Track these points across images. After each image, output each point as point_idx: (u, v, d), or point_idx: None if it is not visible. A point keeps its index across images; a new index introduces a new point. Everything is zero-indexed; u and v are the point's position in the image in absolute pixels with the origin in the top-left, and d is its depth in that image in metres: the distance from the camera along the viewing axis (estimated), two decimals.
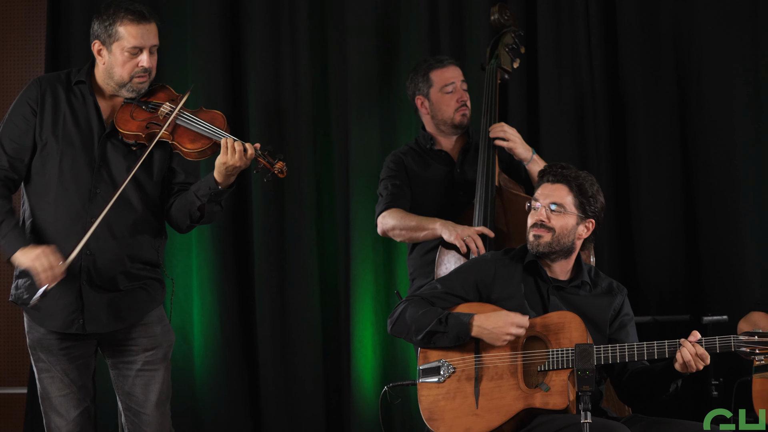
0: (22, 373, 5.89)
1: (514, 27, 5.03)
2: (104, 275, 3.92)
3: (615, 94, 5.59)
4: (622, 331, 4.01)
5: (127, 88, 3.94)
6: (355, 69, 5.76)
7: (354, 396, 5.62)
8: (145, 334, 4.03)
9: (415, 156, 4.91)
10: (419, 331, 3.95)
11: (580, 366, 3.59)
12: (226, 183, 3.89)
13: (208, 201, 3.91)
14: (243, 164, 3.84)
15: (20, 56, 6.12)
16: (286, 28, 5.83)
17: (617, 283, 4.12)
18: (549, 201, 4.00)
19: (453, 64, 4.95)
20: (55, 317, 3.92)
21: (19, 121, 3.95)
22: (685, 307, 5.41)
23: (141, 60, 3.91)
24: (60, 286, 3.82)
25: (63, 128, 3.94)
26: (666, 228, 5.49)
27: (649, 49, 5.55)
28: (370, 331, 5.64)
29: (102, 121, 3.97)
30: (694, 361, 3.72)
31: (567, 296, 4.01)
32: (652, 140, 5.52)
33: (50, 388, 3.97)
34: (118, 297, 3.95)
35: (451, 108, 4.87)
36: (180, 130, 3.91)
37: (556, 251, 3.99)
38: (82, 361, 4.00)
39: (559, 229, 3.98)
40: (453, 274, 4.13)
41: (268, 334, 5.72)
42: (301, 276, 5.74)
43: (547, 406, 3.76)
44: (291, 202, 5.78)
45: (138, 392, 4.02)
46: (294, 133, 5.80)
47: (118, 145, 3.95)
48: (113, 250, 3.92)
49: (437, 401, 3.92)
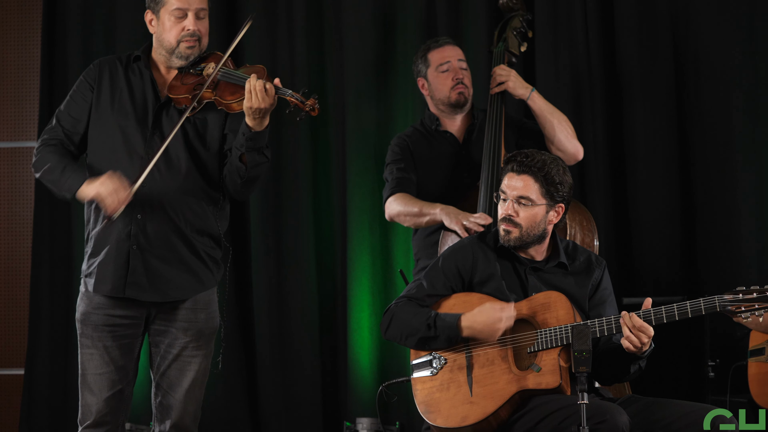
0: (19, 355, 5.92)
1: (522, 11, 5.03)
2: (154, 241, 3.94)
3: (612, 74, 5.59)
4: (601, 306, 3.99)
5: (176, 54, 4.00)
6: (352, 51, 5.76)
7: (351, 378, 5.64)
8: (188, 318, 4.03)
9: (420, 138, 4.91)
10: (411, 336, 3.94)
11: (577, 347, 3.58)
12: (259, 126, 3.88)
13: (247, 149, 3.91)
14: (267, 104, 3.84)
15: (17, 40, 6.13)
16: (282, 10, 5.83)
17: (596, 256, 4.09)
18: (516, 194, 3.95)
19: (450, 44, 4.93)
20: (105, 281, 3.94)
21: (78, 98, 4.04)
22: (682, 289, 5.40)
23: (186, 23, 3.97)
24: (112, 251, 3.91)
25: (119, 102, 4.01)
26: (662, 209, 5.49)
27: (646, 28, 5.54)
28: (366, 313, 5.65)
29: (157, 93, 4.03)
30: (635, 335, 3.70)
31: (545, 276, 4.00)
32: (649, 121, 5.52)
33: (88, 365, 3.98)
34: (166, 269, 3.96)
35: (446, 87, 4.86)
36: (221, 86, 3.95)
37: (527, 242, 3.97)
38: (127, 341, 4.00)
39: (528, 222, 3.94)
40: (435, 266, 4.09)
41: (265, 316, 5.73)
42: (298, 257, 5.75)
43: (540, 386, 3.75)
44: (288, 183, 5.78)
45: (172, 375, 4.04)
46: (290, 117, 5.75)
47: (172, 114, 4.00)
48: (163, 216, 3.94)
49: (432, 393, 3.91)
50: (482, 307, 3.86)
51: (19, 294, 5.99)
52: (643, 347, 3.72)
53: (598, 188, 5.49)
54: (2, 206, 6.07)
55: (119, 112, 3.99)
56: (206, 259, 4.05)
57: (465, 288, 4.02)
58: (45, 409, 5.74)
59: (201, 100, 3.93)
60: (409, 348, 4.02)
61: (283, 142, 5.79)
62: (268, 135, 3.94)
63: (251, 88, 3.82)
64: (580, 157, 4.80)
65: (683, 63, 5.53)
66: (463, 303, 3.96)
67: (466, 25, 5.65)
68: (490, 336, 3.84)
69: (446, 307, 3.99)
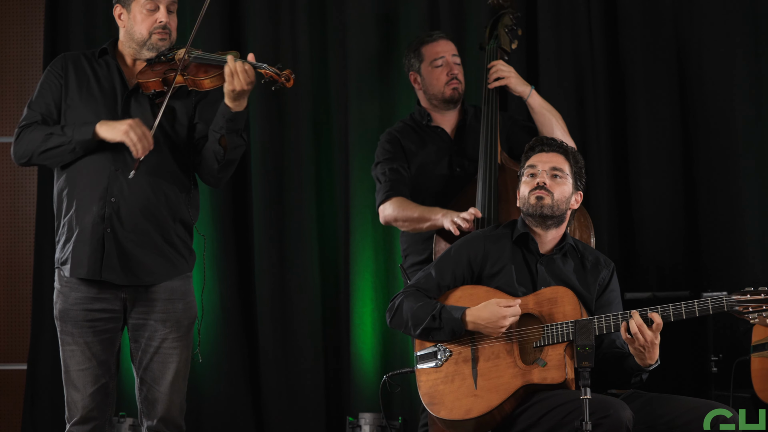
0: (22, 350, 5.92)
1: (512, 9, 5.00)
2: (127, 225, 3.98)
3: (615, 70, 5.57)
4: (608, 307, 4.00)
5: (147, 46, 4.08)
6: (354, 46, 5.75)
7: (354, 372, 5.64)
8: (165, 309, 4.06)
9: (411, 133, 4.85)
10: (416, 326, 3.95)
11: (580, 342, 3.60)
12: (238, 106, 3.97)
13: (227, 131, 3.99)
14: (246, 81, 3.91)
15: (19, 35, 6.12)
16: (284, 6, 5.82)
17: (605, 257, 4.11)
18: (549, 166, 4.00)
19: (444, 39, 4.90)
20: (81, 264, 3.97)
21: (47, 88, 4.09)
22: (685, 283, 5.40)
23: (158, 15, 4.06)
24: (87, 235, 3.96)
25: (87, 90, 4.06)
26: (666, 204, 5.49)
27: (649, 25, 5.54)
28: (369, 308, 5.65)
29: (125, 82, 4.09)
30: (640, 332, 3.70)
31: (554, 268, 4.01)
32: (652, 116, 5.51)
33: (70, 361, 4.03)
34: (140, 251, 4.00)
35: (441, 82, 4.82)
36: (192, 67, 4.01)
37: (555, 216, 3.98)
38: (108, 336, 4.03)
39: (559, 194, 3.98)
40: (446, 255, 4.11)
41: (268, 310, 5.72)
42: (301, 252, 5.74)
43: (545, 381, 3.75)
44: (290, 178, 5.77)
45: (155, 368, 4.07)
46: (293, 111, 5.79)
47: (141, 101, 4.06)
48: (136, 200, 3.98)
49: (436, 385, 3.92)
50: (488, 303, 3.86)
51: (22, 289, 5.98)
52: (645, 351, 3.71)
53: (601, 184, 5.48)
54: (5, 201, 6.06)
55: (88, 101, 4.05)
56: (179, 244, 4.10)
57: (474, 280, 4.03)
58: (48, 404, 5.73)
59: (171, 83, 3.98)
60: (412, 338, 4.02)
61: (285, 138, 5.79)
62: (246, 117, 4.03)
63: (232, 70, 3.90)
64: None
65: (686, 59, 5.53)
66: (469, 295, 3.97)
67: (469, 20, 5.64)
68: (493, 332, 3.84)
69: (453, 298, 3.99)
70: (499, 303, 3.84)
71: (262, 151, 5.77)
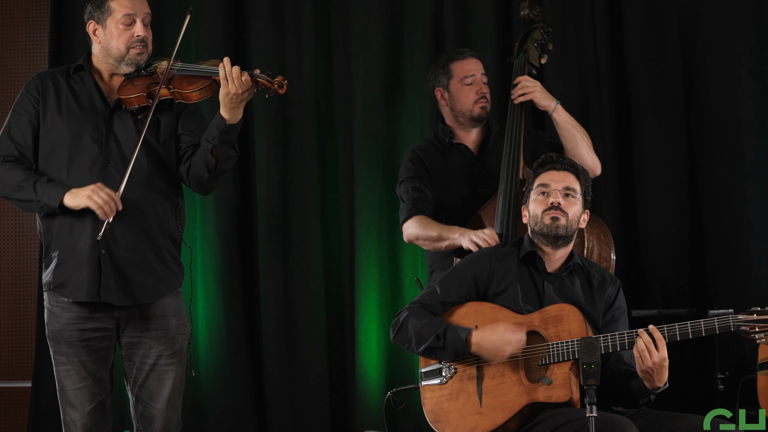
0: (26, 367, 5.91)
1: (543, 23, 5.00)
2: (122, 245, 3.97)
3: (620, 86, 5.56)
4: (613, 324, 3.99)
5: (125, 62, 4.06)
6: (360, 62, 5.74)
7: (359, 390, 5.61)
8: (158, 326, 4.06)
9: (434, 151, 4.87)
10: (419, 344, 3.94)
11: (585, 359, 3.57)
12: (233, 118, 3.96)
13: (220, 142, 3.97)
14: (243, 89, 3.90)
15: (24, 49, 6.12)
16: (289, 22, 5.81)
17: (610, 274, 4.10)
18: (563, 185, 3.99)
19: (474, 57, 4.92)
20: (80, 287, 3.96)
21: (22, 112, 4.05)
22: (691, 301, 5.36)
23: (135, 29, 4.04)
24: (83, 257, 3.94)
25: (67, 109, 4.04)
26: (671, 220, 5.46)
27: (653, 37, 5.52)
28: (374, 325, 5.62)
29: (104, 98, 4.06)
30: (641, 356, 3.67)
31: (561, 286, 4.00)
32: (657, 132, 5.48)
33: (66, 381, 4.01)
34: (135, 271, 3.99)
35: (470, 100, 4.83)
36: (177, 79, 4.01)
37: (567, 236, 3.98)
38: (102, 354, 4.02)
39: (572, 215, 3.98)
40: (452, 274, 4.10)
41: (273, 327, 5.71)
42: (306, 269, 5.72)
43: (551, 400, 3.75)
44: (295, 194, 5.76)
45: (151, 386, 4.06)
46: (298, 125, 5.78)
47: (123, 117, 4.05)
48: (130, 219, 3.97)
49: (441, 403, 3.91)
50: (495, 327, 3.85)
51: (27, 306, 5.96)
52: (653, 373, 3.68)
53: (606, 200, 5.46)
54: (9, 218, 6.06)
55: (69, 120, 4.02)
56: (169, 260, 4.09)
57: (479, 297, 4.02)
58: (52, 422, 5.70)
59: (155, 97, 3.96)
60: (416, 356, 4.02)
61: (290, 155, 5.78)
62: (239, 129, 4.01)
63: (227, 74, 3.90)
64: (599, 172, 4.79)
65: (692, 72, 5.51)
66: (474, 312, 3.96)
67: (474, 38, 5.63)
68: (496, 357, 3.83)
69: (458, 315, 3.98)
70: (507, 327, 3.83)
71: (267, 168, 5.76)
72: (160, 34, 5.53)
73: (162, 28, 5.63)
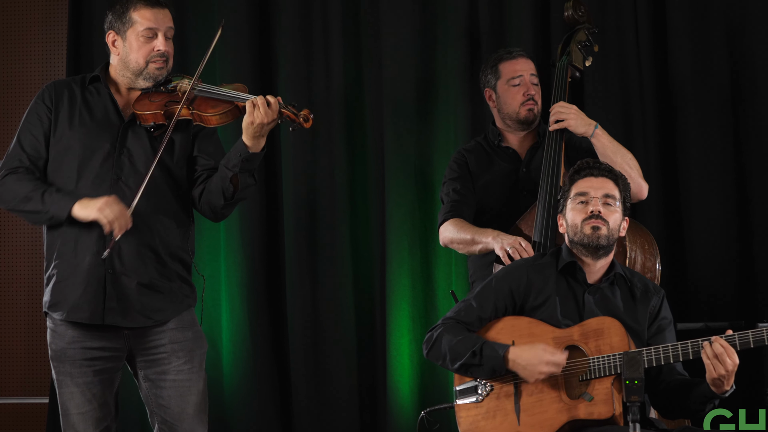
0: (43, 383, 5.90)
1: (588, 24, 4.94)
2: (129, 264, 3.89)
3: (664, 91, 5.47)
4: (660, 336, 3.91)
5: (144, 76, 3.98)
6: (390, 69, 5.69)
7: (390, 408, 5.54)
8: (175, 339, 3.97)
9: (481, 153, 4.82)
10: (454, 360, 3.88)
11: (628, 375, 3.47)
12: (256, 147, 3.87)
13: (240, 170, 3.89)
14: (269, 119, 3.82)
15: (41, 53, 6.13)
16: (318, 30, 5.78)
17: (654, 284, 4.02)
18: (603, 193, 3.91)
19: (524, 56, 4.85)
20: (82, 308, 3.87)
21: (35, 121, 3.99)
22: (740, 313, 5.28)
23: (156, 43, 3.97)
24: (86, 277, 3.86)
25: (79, 121, 3.96)
26: (718, 230, 5.39)
27: (699, 42, 5.43)
28: (406, 339, 5.55)
29: (119, 112, 3.99)
30: (712, 363, 3.59)
31: (603, 298, 3.92)
32: (703, 139, 5.40)
33: (69, 404, 3.92)
34: (143, 291, 3.90)
35: (516, 101, 4.76)
36: (199, 101, 3.93)
37: (608, 246, 3.90)
38: (107, 375, 3.93)
39: (613, 223, 3.91)
40: (487, 286, 4.03)
41: (300, 341, 5.66)
42: (335, 281, 5.67)
43: (592, 416, 3.68)
44: (323, 203, 5.72)
45: (174, 405, 3.96)
46: (327, 134, 5.73)
47: (138, 132, 3.97)
48: (138, 238, 3.88)
49: (477, 422, 3.85)
50: (534, 345, 3.79)
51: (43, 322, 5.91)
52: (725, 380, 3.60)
53: (650, 209, 5.36)
54: (25, 234, 6.08)
55: (81, 133, 3.95)
56: (178, 281, 3.99)
57: (516, 311, 3.95)
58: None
59: (174, 117, 3.89)
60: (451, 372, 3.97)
61: (319, 165, 5.74)
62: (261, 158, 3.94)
63: (254, 101, 3.80)
64: (644, 197, 4.67)
65: (739, 77, 5.42)
66: (511, 327, 3.89)
67: (511, 39, 5.53)
68: (530, 376, 3.76)
69: (494, 330, 3.92)
70: (546, 348, 3.76)
71: (295, 178, 5.72)
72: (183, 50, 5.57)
73: (185, 44, 5.67)
